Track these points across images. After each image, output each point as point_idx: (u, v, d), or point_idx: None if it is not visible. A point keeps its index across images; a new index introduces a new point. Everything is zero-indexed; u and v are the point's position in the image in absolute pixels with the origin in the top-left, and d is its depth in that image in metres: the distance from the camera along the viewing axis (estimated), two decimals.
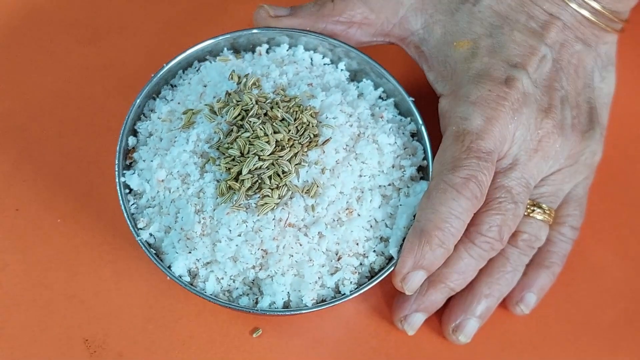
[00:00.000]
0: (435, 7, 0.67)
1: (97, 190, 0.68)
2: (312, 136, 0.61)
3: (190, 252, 0.60)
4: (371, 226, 0.62)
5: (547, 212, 0.66)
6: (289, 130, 0.61)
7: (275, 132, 0.61)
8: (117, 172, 0.62)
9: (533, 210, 0.65)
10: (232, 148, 0.60)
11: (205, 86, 0.65)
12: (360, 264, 0.62)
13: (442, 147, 0.63)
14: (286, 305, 0.61)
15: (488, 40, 0.65)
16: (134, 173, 0.63)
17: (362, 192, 0.62)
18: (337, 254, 0.61)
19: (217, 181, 0.61)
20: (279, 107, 0.62)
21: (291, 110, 0.62)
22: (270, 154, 0.60)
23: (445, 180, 0.61)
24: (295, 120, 0.62)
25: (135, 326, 0.65)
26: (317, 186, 0.61)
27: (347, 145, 0.62)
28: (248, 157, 0.60)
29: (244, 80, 0.63)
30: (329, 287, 0.61)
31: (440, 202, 0.61)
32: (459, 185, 0.61)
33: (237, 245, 0.60)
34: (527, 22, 0.66)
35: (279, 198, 0.60)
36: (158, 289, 0.66)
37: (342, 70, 0.67)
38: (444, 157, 0.62)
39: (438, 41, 0.66)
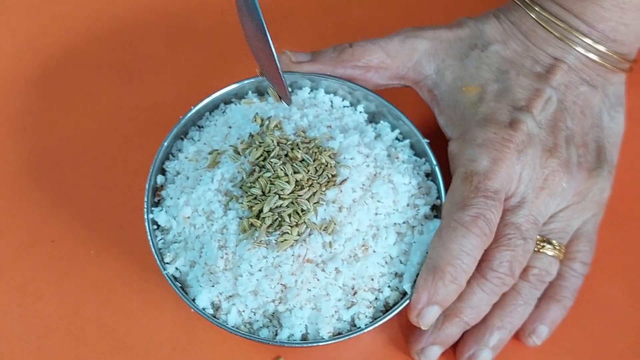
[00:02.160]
0: (447, 52, 0.70)
1: (129, 225, 0.71)
2: (330, 176, 0.64)
3: (213, 286, 0.64)
4: (386, 262, 0.65)
5: (557, 247, 0.68)
6: (308, 171, 0.64)
7: (295, 173, 0.64)
8: (145, 209, 0.66)
9: (543, 246, 0.68)
10: (254, 187, 0.64)
11: (230, 127, 0.68)
12: (376, 298, 0.65)
13: (451, 187, 0.66)
14: (304, 337, 0.64)
15: (495, 85, 0.68)
16: (161, 210, 0.66)
17: (378, 229, 0.65)
18: (353, 289, 0.64)
19: (240, 218, 0.64)
20: (299, 149, 0.65)
21: (311, 152, 0.65)
22: (290, 193, 0.63)
23: (455, 218, 0.64)
24: (314, 160, 0.64)
25: (163, 354, 0.68)
26: (335, 224, 0.63)
27: (363, 185, 0.65)
28: (269, 196, 0.63)
29: (267, 122, 0.66)
30: (345, 321, 0.64)
31: (451, 239, 0.63)
32: (468, 223, 0.63)
33: (257, 279, 0.63)
34: (532, 67, 0.68)
35: (298, 235, 0.63)
36: (184, 318, 0.69)
37: (360, 112, 0.70)
38: (453, 197, 0.65)
39: (449, 86, 0.69)
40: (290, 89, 0.70)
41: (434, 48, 0.70)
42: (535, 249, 0.67)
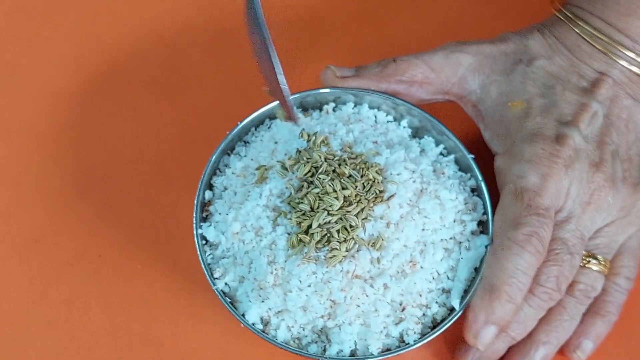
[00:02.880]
0: (492, 67, 0.70)
1: (175, 239, 0.72)
2: (377, 192, 0.65)
3: (263, 301, 0.64)
4: (434, 278, 0.65)
5: (603, 263, 0.68)
6: (356, 187, 0.64)
7: (343, 189, 0.64)
8: (194, 224, 0.66)
9: (589, 262, 0.68)
10: (302, 203, 0.64)
11: (276, 143, 0.68)
12: (424, 314, 0.65)
13: (501, 205, 0.66)
14: (353, 354, 0.64)
15: (540, 100, 0.68)
16: (210, 225, 0.67)
17: (425, 245, 0.65)
18: (401, 305, 0.64)
19: (289, 234, 0.64)
20: (346, 164, 0.65)
21: (358, 167, 0.65)
22: (338, 209, 0.63)
23: (509, 237, 0.64)
24: (361, 176, 0.65)
25: None
26: (383, 239, 0.64)
27: (410, 201, 0.65)
28: (318, 212, 0.63)
29: (313, 138, 0.66)
30: (393, 337, 0.64)
31: (506, 258, 0.64)
32: (522, 242, 0.63)
33: (307, 295, 0.63)
34: (578, 82, 0.68)
35: (347, 251, 0.63)
36: (232, 333, 0.69)
37: (404, 127, 0.70)
38: (505, 215, 0.65)
39: (494, 101, 0.69)
40: (334, 104, 0.71)
41: (478, 63, 0.70)
42: (581, 264, 0.67)
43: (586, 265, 0.68)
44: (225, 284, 0.65)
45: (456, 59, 0.70)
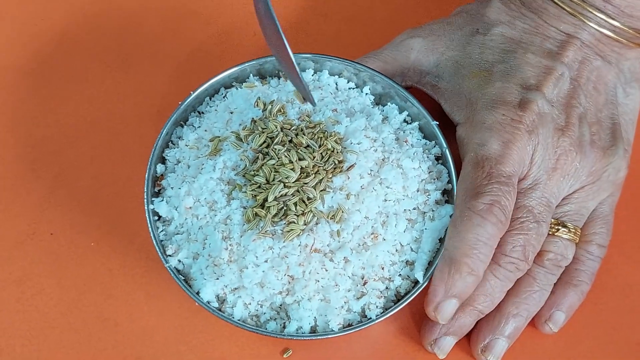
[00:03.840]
0: (446, 44, 0.69)
1: (130, 215, 0.69)
2: (336, 162, 0.62)
3: (218, 279, 0.62)
4: (396, 250, 0.63)
5: (573, 230, 0.66)
6: (314, 157, 0.62)
7: (300, 159, 0.62)
8: (146, 200, 0.64)
9: (558, 230, 0.66)
10: (258, 175, 0.62)
11: (231, 113, 0.66)
12: (386, 288, 0.63)
13: (462, 174, 0.64)
14: (313, 330, 0.62)
15: (500, 66, 0.66)
16: (162, 200, 0.64)
17: (387, 216, 0.63)
18: (362, 279, 0.62)
19: (244, 208, 0.62)
20: (303, 134, 0.63)
21: (316, 137, 0.63)
22: (295, 181, 0.61)
23: (469, 207, 0.62)
24: (320, 146, 0.62)
25: (168, 348, 0.66)
26: (342, 212, 0.61)
27: (371, 171, 0.63)
28: (274, 184, 0.61)
29: (269, 107, 0.64)
30: (355, 312, 0.62)
31: (466, 229, 0.61)
32: (483, 212, 0.61)
33: (263, 271, 0.61)
34: (542, 44, 0.66)
35: (305, 224, 0.61)
36: (189, 311, 0.67)
37: (367, 94, 0.68)
38: (465, 185, 0.63)
39: (451, 75, 0.68)
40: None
41: (431, 43, 0.69)
42: (550, 233, 0.65)
43: (555, 234, 0.66)
44: (179, 261, 0.63)
45: (407, 45, 0.69)
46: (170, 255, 0.63)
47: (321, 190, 0.61)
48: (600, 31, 0.66)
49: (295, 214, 0.61)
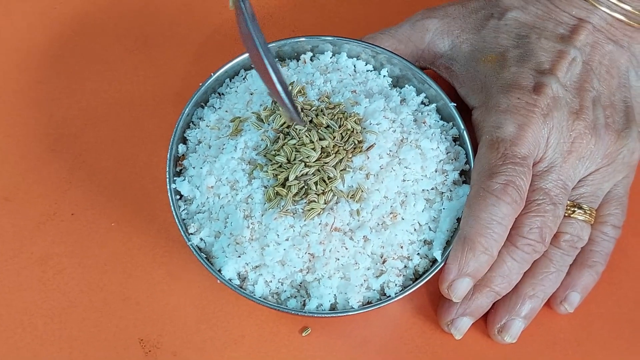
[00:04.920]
0: (461, 27, 0.69)
1: (150, 195, 0.70)
2: (356, 142, 0.63)
3: (239, 256, 0.62)
4: (415, 230, 0.64)
5: (588, 212, 0.67)
6: (334, 137, 0.63)
7: (320, 139, 0.62)
8: (168, 179, 0.64)
9: (574, 211, 0.66)
10: (279, 155, 0.62)
11: (252, 94, 0.67)
12: (405, 266, 0.63)
13: (478, 156, 0.65)
14: (333, 307, 0.63)
15: (515, 51, 0.66)
16: (184, 180, 0.65)
17: (406, 196, 0.63)
18: (382, 257, 0.63)
19: (265, 187, 0.62)
20: (324, 114, 0.63)
21: (336, 117, 0.63)
22: (316, 161, 0.62)
23: (484, 187, 0.62)
24: (340, 127, 0.63)
25: (189, 326, 0.67)
26: (362, 191, 0.62)
27: (390, 151, 0.64)
28: (294, 164, 0.62)
29: (290, 88, 0.65)
30: (374, 290, 0.63)
31: (480, 209, 0.62)
32: (498, 191, 0.62)
33: (284, 249, 0.62)
34: (555, 29, 0.67)
35: (325, 203, 0.62)
36: (210, 290, 0.67)
37: (384, 76, 0.69)
38: (481, 165, 0.64)
39: (466, 59, 0.68)
40: (311, 53, 0.69)
41: (446, 25, 0.69)
42: (566, 214, 0.66)
43: (571, 216, 0.66)
44: (201, 239, 0.64)
45: (422, 26, 0.70)
46: (192, 234, 0.64)
47: (341, 170, 0.62)
48: (612, 15, 0.67)
49: (315, 193, 0.61)
